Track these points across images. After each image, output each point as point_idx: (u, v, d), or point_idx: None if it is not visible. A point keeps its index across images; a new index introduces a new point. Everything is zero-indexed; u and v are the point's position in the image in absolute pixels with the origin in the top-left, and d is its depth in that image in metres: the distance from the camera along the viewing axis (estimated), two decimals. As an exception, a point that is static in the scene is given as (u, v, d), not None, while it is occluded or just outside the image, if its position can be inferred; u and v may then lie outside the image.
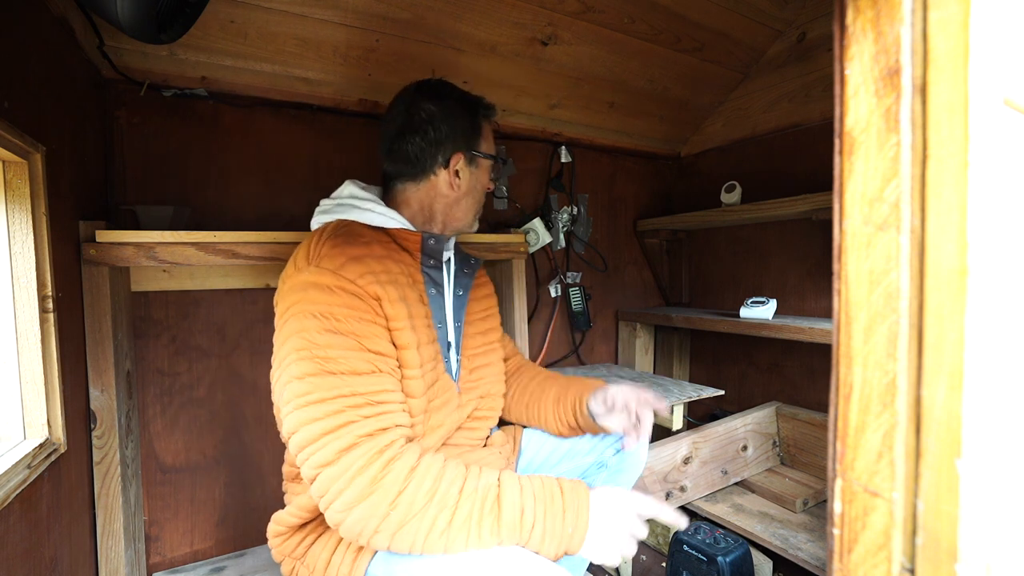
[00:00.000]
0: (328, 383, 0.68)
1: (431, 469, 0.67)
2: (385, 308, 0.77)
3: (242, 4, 1.11)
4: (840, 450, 0.38)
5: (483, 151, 0.96)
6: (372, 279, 0.77)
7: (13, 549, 0.71)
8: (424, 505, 0.64)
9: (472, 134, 0.94)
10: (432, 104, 0.91)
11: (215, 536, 1.33)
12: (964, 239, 0.31)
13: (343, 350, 0.71)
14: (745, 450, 1.56)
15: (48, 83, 0.87)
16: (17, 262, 0.80)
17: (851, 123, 0.36)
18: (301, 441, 0.67)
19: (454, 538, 0.65)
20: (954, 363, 0.32)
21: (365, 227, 0.87)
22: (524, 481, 0.70)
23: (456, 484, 0.67)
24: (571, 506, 0.69)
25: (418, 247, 0.90)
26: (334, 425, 0.66)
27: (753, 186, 1.79)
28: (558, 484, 0.71)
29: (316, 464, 0.66)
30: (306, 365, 0.69)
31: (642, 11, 1.42)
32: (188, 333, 1.29)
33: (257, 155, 1.36)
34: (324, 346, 0.70)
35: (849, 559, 0.37)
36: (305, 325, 0.71)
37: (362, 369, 0.71)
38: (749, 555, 1.24)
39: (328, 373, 0.69)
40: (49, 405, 0.85)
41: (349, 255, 0.77)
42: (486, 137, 0.97)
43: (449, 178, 0.92)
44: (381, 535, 0.64)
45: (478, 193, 0.98)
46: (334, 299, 0.73)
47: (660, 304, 2.21)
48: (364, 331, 0.73)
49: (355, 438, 0.66)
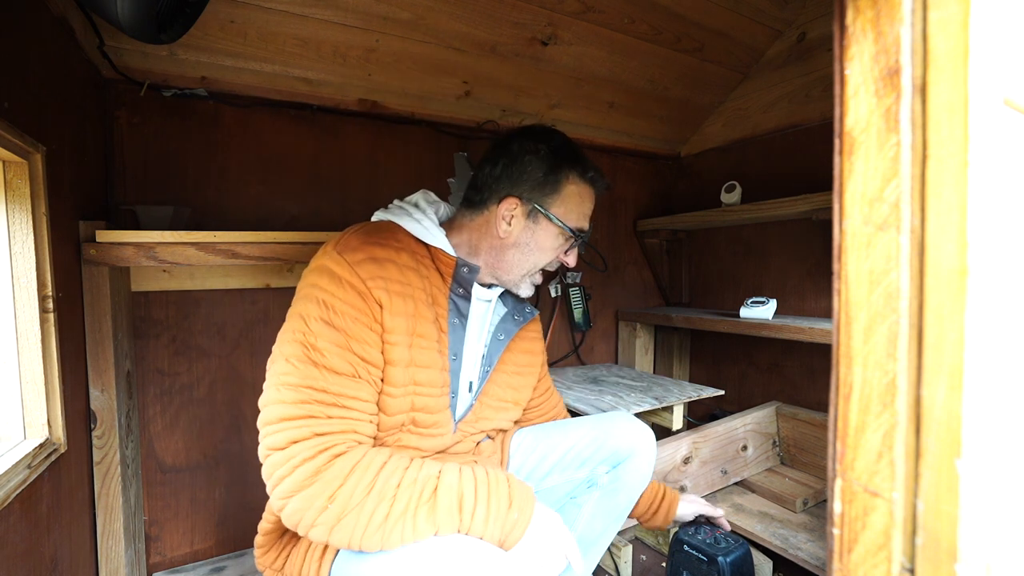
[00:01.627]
0: (306, 372, 0.69)
1: (372, 464, 0.67)
2: (385, 318, 0.76)
3: (242, 4, 1.11)
4: (840, 450, 0.38)
5: (551, 211, 0.88)
6: (382, 284, 0.76)
7: (13, 549, 0.71)
8: (362, 499, 0.64)
9: (543, 186, 0.87)
10: (523, 142, 0.88)
11: (215, 536, 1.33)
12: (964, 239, 0.31)
13: (329, 343, 0.71)
14: (745, 450, 1.56)
15: (48, 83, 0.87)
16: (17, 262, 0.80)
17: (851, 123, 0.36)
18: (265, 418, 0.69)
19: (390, 531, 0.64)
20: (954, 363, 0.32)
21: (407, 234, 0.85)
22: (466, 469, 0.70)
23: (395, 476, 0.66)
24: (518, 497, 0.70)
25: (451, 271, 0.86)
26: (296, 414, 0.67)
27: (753, 186, 1.79)
28: (505, 476, 0.72)
29: (268, 446, 0.67)
30: (296, 348, 0.71)
31: (642, 11, 1.42)
32: (188, 333, 1.29)
33: (257, 155, 1.36)
34: (316, 334, 0.71)
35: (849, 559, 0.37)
36: (308, 309, 0.73)
37: (341, 369, 0.71)
38: (749, 555, 1.24)
39: (310, 362, 0.70)
40: (49, 405, 0.85)
41: (371, 254, 0.77)
42: (566, 200, 0.88)
43: (498, 219, 0.88)
44: (319, 528, 0.64)
45: (533, 254, 0.89)
46: (339, 291, 0.74)
47: (660, 304, 2.21)
48: (356, 333, 0.73)
49: (310, 432, 0.66)
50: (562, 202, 0.88)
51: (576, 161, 0.90)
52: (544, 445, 1.02)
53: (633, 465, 0.99)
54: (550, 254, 0.91)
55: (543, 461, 1.01)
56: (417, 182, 1.56)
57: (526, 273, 0.91)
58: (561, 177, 0.88)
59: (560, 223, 0.88)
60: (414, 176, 1.58)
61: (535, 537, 0.71)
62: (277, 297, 1.39)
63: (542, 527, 0.72)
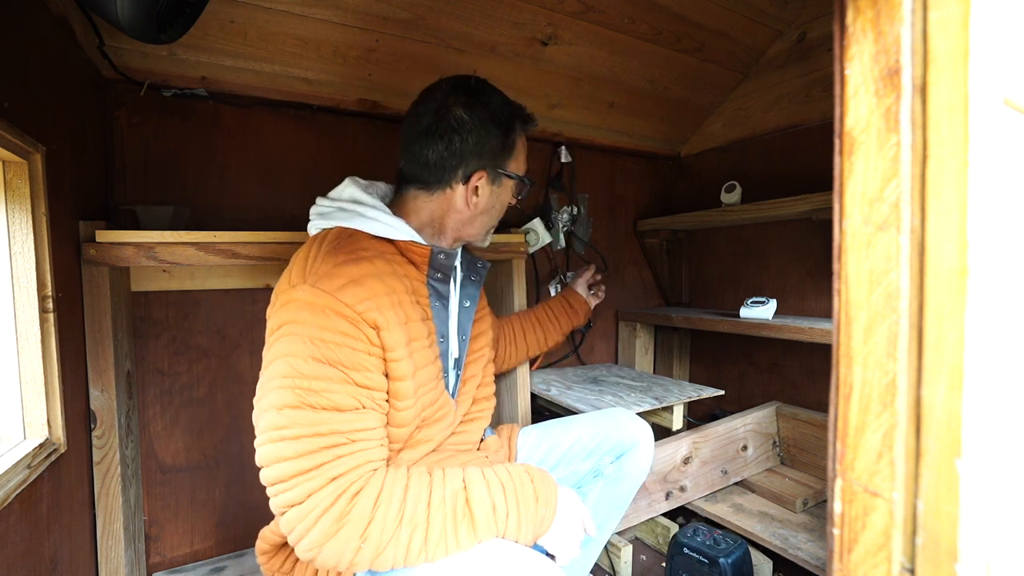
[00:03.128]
0: (306, 418, 0.65)
1: (395, 492, 0.65)
2: (383, 338, 0.73)
3: (242, 4, 1.11)
4: (840, 450, 0.38)
5: (511, 170, 0.89)
6: (372, 305, 0.72)
7: (13, 549, 0.71)
8: (395, 530, 0.64)
9: (501, 151, 0.87)
10: (464, 112, 0.83)
11: (215, 536, 1.33)
12: (964, 239, 0.31)
13: (328, 382, 0.67)
14: (745, 450, 1.56)
15: (48, 83, 0.87)
16: (17, 262, 0.80)
17: (851, 123, 0.36)
18: (272, 477, 0.65)
19: (433, 551, 0.65)
20: (954, 363, 0.32)
21: (368, 237, 0.81)
22: (489, 475, 0.71)
23: (423, 500, 0.66)
24: (542, 492, 0.72)
25: (426, 260, 0.84)
26: (307, 467, 0.64)
27: (753, 186, 1.79)
28: (526, 472, 0.73)
29: (284, 503, 0.64)
30: (287, 395, 0.65)
31: (642, 11, 1.42)
32: (188, 333, 1.29)
33: (257, 155, 1.36)
34: (309, 376, 0.66)
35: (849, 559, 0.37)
36: (294, 349, 0.67)
37: (345, 405, 0.67)
38: (749, 555, 1.24)
39: (308, 407, 0.65)
40: (49, 405, 0.85)
41: (350, 276, 0.72)
42: (517, 155, 0.90)
43: (467, 195, 0.86)
44: (360, 565, 0.64)
45: (496, 211, 0.92)
46: (327, 323, 0.68)
47: (660, 304, 2.20)
48: (354, 362, 0.69)
49: (326, 480, 0.64)
50: (514, 157, 0.91)
51: (515, 114, 0.90)
52: (549, 440, 1.04)
53: (635, 456, 1.02)
54: (507, 205, 0.95)
55: (549, 454, 1.03)
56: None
57: (490, 228, 0.96)
58: (514, 136, 0.89)
59: (517, 177, 0.92)
60: (414, 176, 1.57)
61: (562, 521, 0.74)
62: (277, 297, 1.38)
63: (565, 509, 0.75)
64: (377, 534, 0.63)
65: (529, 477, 0.73)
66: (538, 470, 0.75)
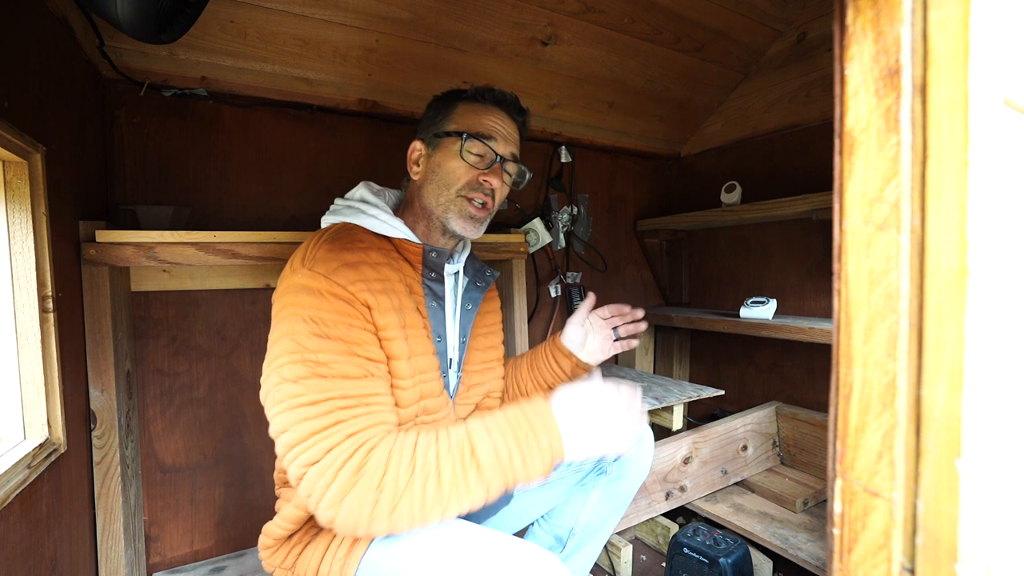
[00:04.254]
0: (320, 385, 0.68)
1: (405, 446, 0.68)
2: (375, 317, 0.76)
3: (242, 4, 1.11)
4: (840, 450, 0.38)
5: (445, 129, 0.89)
6: (364, 287, 0.75)
7: (13, 549, 0.71)
8: (408, 480, 0.65)
9: (435, 120, 0.90)
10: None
11: (215, 536, 1.33)
12: (964, 239, 0.31)
13: (333, 354, 0.70)
14: (745, 450, 1.56)
15: (48, 83, 0.87)
16: (17, 262, 0.80)
17: (851, 123, 0.36)
18: (290, 440, 0.67)
19: (446, 500, 0.66)
20: (954, 363, 0.32)
21: (367, 232, 0.85)
22: (489, 421, 0.72)
23: (431, 449, 0.68)
24: (538, 422, 0.70)
25: (419, 258, 0.87)
26: (323, 425, 0.66)
27: (753, 186, 1.79)
28: (520, 409, 0.73)
29: (304, 463, 0.66)
30: (298, 368, 0.69)
31: (642, 11, 1.42)
32: (188, 333, 1.29)
33: (257, 155, 1.36)
34: (315, 350, 0.69)
35: (849, 559, 0.37)
36: (296, 328, 0.71)
37: (353, 373, 0.71)
38: (749, 555, 1.24)
39: (319, 376, 0.69)
40: (49, 405, 0.85)
41: (344, 260, 0.76)
42: (459, 117, 0.89)
43: (410, 168, 0.92)
44: (378, 521, 0.65)
45: (443, 176, 0.88)
46: (324, 304, 0.72)
47: (660, 304, 2.20)
48: (354, 337, 0.73)
49: (343, 436, 0.66)
50: (454, 120, 0.89)
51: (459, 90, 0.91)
52: None
53: (637, 454, 1.03)
54: (460, 171, 0.88)
55: None
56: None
57: (447, 199, 0.88)
58: (452, 103, 0.90)
59: (454, 133, 0.87)
60: (414, 176, 1.58)
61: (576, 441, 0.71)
62: (277, 297, 1.38)
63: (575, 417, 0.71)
64: (392, 484, 0.64)
65: (523, 412, 0.72)
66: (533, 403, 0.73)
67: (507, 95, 0.92)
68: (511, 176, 0.94)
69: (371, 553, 0.74)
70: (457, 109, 0.90)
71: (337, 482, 0.64)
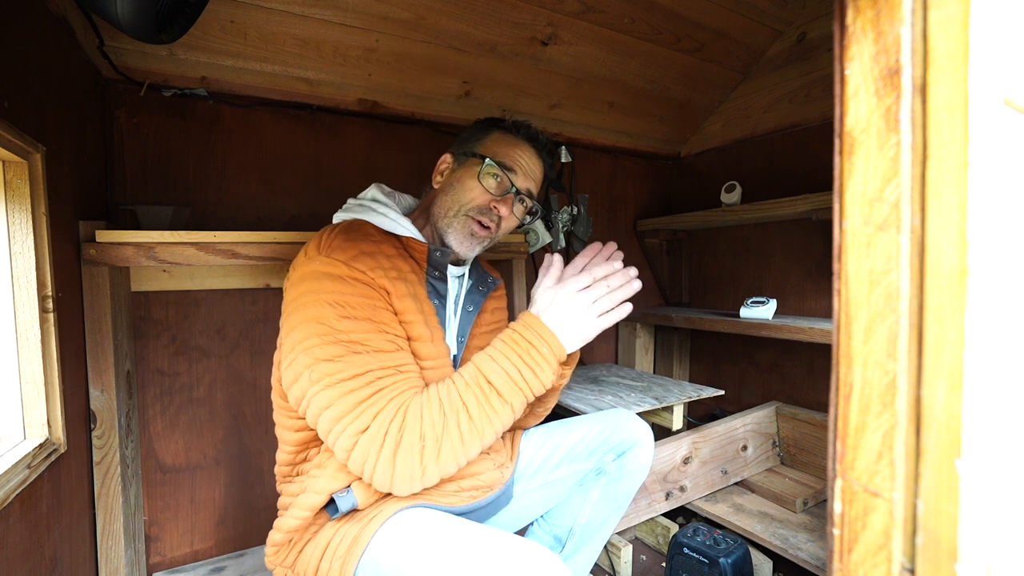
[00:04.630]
0: (359, 360, 0.72)
1: (431, 396, 0.73)
2: (394, 302, 0.80)
3: (242, 4, 1.11)
4: (840, 450, 0.38)
5: (474, 150, 0.93)
6: (381, 273, 0.79)
7: (13, 549, 0.71)
8: (443, 421, 0.71)
9: (471, 141, 0.95)
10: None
11: (215, 536, 1.33)
12: (964, 239, 0.31)
13: (364, 333, 0.74)
14: (745, 450, 1.56)
15: (48, 83, 0.87)
16: (17, 262, 0.80)
17: (851, 123, 0.36)
18: (336, 414, 0.70)
19: (482, 428, 0.73)
20: (954, 363, 0.32)
21: (376, 229, 0.88)
22: (490, 351, 0.77)
23: (452, 392, 0.74)
24: (532, 334, 0.76)
25: (424, 257, 0.90)
26: (368, 394, 0.70)
27: (753, 186, 1.79)
28: (511, 330, 0.78)
29: (355, 431, 0.69)
30: (334, 348, 0.72)
31: (642, 11, 1.42)
32: (188, 333, 1.29)
33: (257, 155, 1.36)
34: (346, 331, 0.73)
35: (849, 559, 0.37)
36: (323, 313, 0.73)
37: (387, 348, 0.75)
38: (749, 555, 1.24)
39: (355, 353, 0.72)
40: (49, 405, 0.85)
41: (360, 249, 0.80)
42: (491, 143, 0.93)
43: (434, 176, 0.97)
44: (429, 467, 0.71)
45: (458, 192, 0.91)
46: (347, 288, 0.75)
47: (660, 304, 2.20)
48: (379, 317, 0.76)
49: (387, 400, 0.71)
50: (486, 145, 0.93)
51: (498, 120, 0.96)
52: (553, 440, 1.06)
53: (637, 454, 1.04)
54: (475, 192, 0.90)
55: (553, 454, 1.05)
56: (417, 182, 1.56)
57: (454, 214, 0.90)
58: (490, 128, 0.95)
59: (479, 155, 0.92)
60: (414, 176, 1.58)
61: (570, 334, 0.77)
62: (277, 297, 1.38)
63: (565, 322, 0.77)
64: (431, 431, 0.70)
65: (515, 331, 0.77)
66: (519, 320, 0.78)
67: (541, 135, 0.97)
68: (523, 210, 0.97)
69: (370, 552, 0.74)
70: (491, 135, 0.95)
71: (388, 442, 0.69)
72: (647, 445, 1.05)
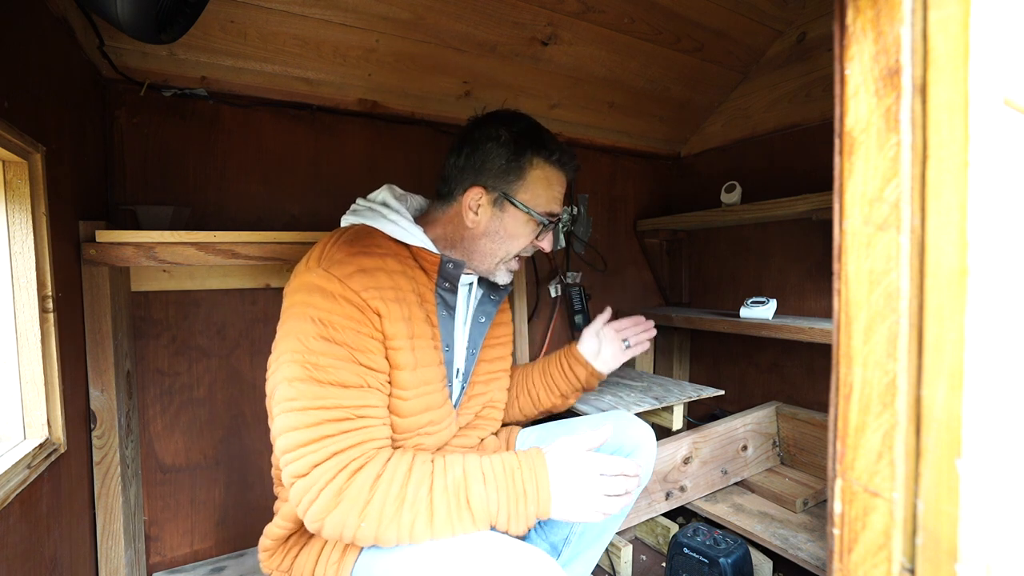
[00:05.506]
0: (313, 391, 0.68)
1: (397, 474, 0.68)
2: (385, 326, 0.76)
3: (242, 4, 1.11)
4: (840, 450, 0.38)
5: (517, 198, 0.86)
6: (376, 294, 0.76)
7: (13, 549, 0.71)
8: (395, 512, 0.66)
9: (507, 173, 0.86)
10: (487, 129, 0.86)
11: (215, 536, 1.33)
12: (964, 239, 0.31)
13: (334, 359, 0.70)
14: (745, 450, 1.56)
15: (48, 83, 0.87)
16: (17, 262, 0.80)
17: (851, 123, 0.36)
18: (283, 447, 0.68)
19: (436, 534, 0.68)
20: (954, 363, 0.32)
21: (385, 237, 0.85)
22: (486, 469, 0.71)
23: (424, 485, 0.68)
24: (531, 485, 0.71)
25: (435, 268, 0.86)
26: (311, 438, 0.67)
27: (753, 186, 1.79)
28: (518, 463, 0.73)
29: (292, 474, 0.67)
30: (296, 369, 0.69)
31: (642, 11, 1.42)
32: (188, 333, 1.29)
33: (257, 155, 1.36)
34: (317, 352, 0.70)
35: (849, 559, 0.37)
36: (303, 328, 0.71)
37: (350, 382, 0.71)
38: (749, 555, 1.24)
39: (315, 381, 0.69)
40: (49, 405, 0.85)
41: (360, 265, 0.77)
42: (532, 185, 0.87)
43: (464, 209, 0.87)
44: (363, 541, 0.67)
45: (504, 242, 0.89)
46: (335, 307, 0.73)
47: (660, 304, 2.20)
48: (359, 344, 0.73)
49: (329, 453, 0.66)
50: (528, 188, 0.87)
51: (541, 145, 0.87)
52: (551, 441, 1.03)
53: (639, 459, 1.01)
54: (522, 241, 0.90)
55: None
56: (417, 182, 1.56)
57: (499, 261, 0.91)
58: (524, 162, 0.86)
59: (527, 209, 0.87)
60: (414, 176, 1.58)
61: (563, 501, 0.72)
62: (277, 297, 1.38)
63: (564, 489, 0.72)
64: (376, 514, 0.65)
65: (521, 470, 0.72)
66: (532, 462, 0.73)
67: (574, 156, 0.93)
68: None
69: (365, 557, 0.74)
70: (531, 172, 0.87)
71: (320, 501, 0.65)
72: (650, 448, 1.03)
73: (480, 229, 0.88)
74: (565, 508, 0.72)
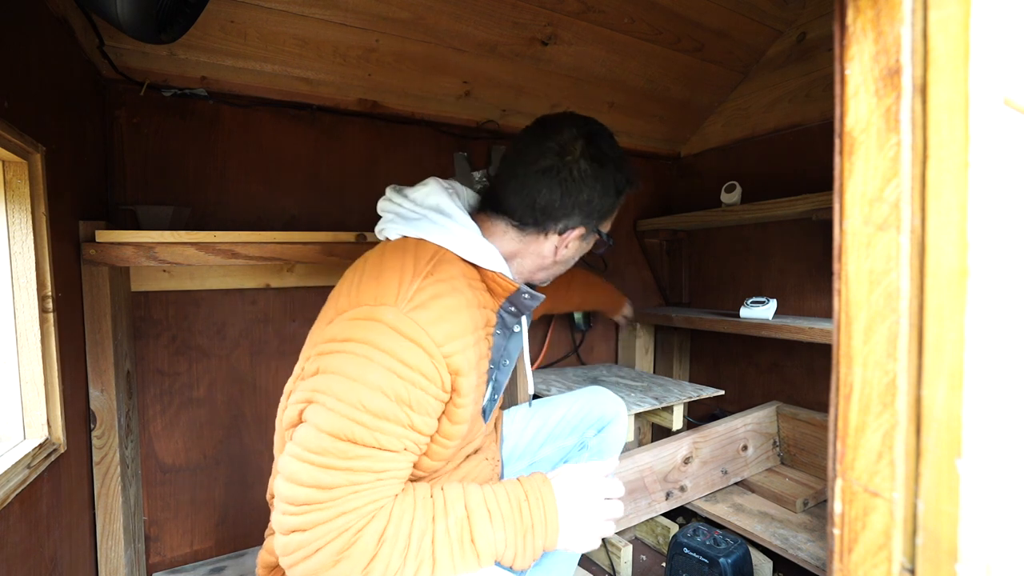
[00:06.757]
0: (345, 451, 0.61)
1: (401, 529, 0.63)
2: (458, 383, 0.69)
3: (242, 4, 1.11)
4: (840, 450, 0.38)
5: (603, 230, 0.86)
6: (459, 346, 0.68)
7: (13, 549, 0.71)
8: (400, 566, 0.62)
9: (606, 214, 0.83)
10: (590, 167, 0.78)
11: (215, 536, 1.33)
12: (964, 239, 0.31)
13: (386, 422, 0.63)
14: (745, 450, 1.56)
15: (48, 83, 0.87)
16: (17, 262, 0.80)
17: (851, 123, 0.36)
18: (286, 496, 0.61)
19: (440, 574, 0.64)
20: (954, 363, 0.32)
21: (458, 260, 0.76)
22: (491, 504, 0.68)
23: (427, 533, 0.64)
24: (539, 518, 0.69)
25: (507, 294, 0.79)
26: (323, 498, 0.60)
27: (753, 186, 1.79)
28: (524, 496, 0.70)
29: (289, 527, 0.61)
30: (336, 421, 0.61)
31: (642, 11, 1.42)
32: (188, 333, 1.29)
33: (257, 155, 1.36)
34: (372, 411, 0.62)
35: (849, 559, 0.37)
36: (365, 375, 0.62)
37: (390, 446, 0.64)
38: (749, 555, 1.24)
39: (350, 442, 0.61)
40: (49, 405, 0.85)
41: (444, 309, 0.67)
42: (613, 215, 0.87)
43: (558, 246, 0.82)
44: None
45: (568, 262, 0.88)
46: (412, 358, 0.64)
47: (660, 304, 2.20)
48: (423, 406, 0.66)
49: (336, 513, 0.60)
50: (611, 219, 0.87)
51: (630, 180, 0.84)
52: (536, 421, 1.08)
53: (615, 428, 1.09)
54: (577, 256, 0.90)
55: (537, 434, 1.07)
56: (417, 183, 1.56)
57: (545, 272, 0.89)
58: (620, 200, 0.84)
59: (606, 237, 0.87)
60: (414, 176, 1.57)
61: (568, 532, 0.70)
62: (277, 297, 1.38)
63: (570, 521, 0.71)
64: (381, 569, 0.61)
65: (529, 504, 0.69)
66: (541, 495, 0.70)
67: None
68: None
69: None
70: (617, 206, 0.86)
71: (316, 559, 0.59)
72: (622, 420, 1.11)
73: (561, 259, 0.85)
74: (571, 539, 0.70)
